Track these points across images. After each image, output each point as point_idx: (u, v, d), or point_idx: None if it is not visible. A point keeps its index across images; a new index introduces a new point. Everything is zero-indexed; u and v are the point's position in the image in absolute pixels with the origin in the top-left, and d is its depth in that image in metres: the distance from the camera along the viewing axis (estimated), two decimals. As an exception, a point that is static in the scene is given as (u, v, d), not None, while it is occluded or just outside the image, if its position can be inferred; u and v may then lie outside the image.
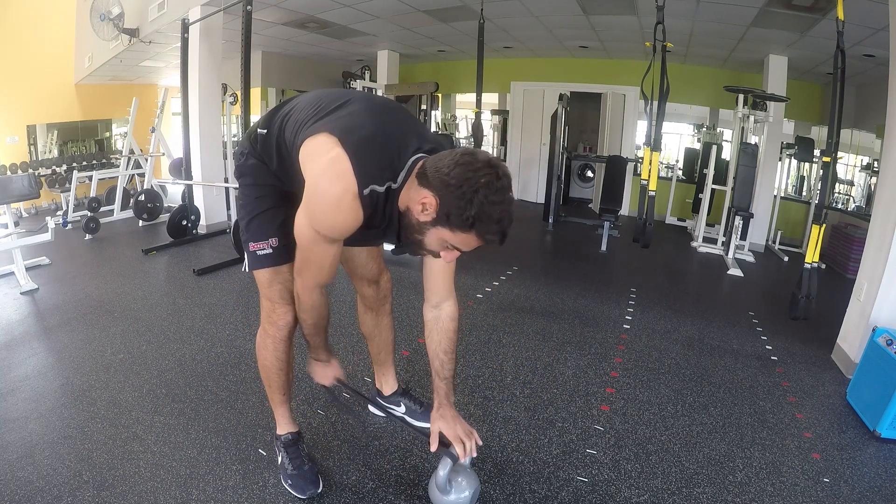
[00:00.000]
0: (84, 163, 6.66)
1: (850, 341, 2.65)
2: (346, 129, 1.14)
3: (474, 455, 1.38)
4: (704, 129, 6.92)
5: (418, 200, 1.10)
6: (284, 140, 1.30)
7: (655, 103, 3.07)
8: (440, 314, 1.42)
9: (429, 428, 1.43)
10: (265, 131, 1.36)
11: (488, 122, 8.18)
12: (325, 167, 1.11)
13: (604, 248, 5.00)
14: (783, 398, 2.32)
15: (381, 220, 1.20)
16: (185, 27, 4.36)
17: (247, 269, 1.43)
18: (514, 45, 6.46)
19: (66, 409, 1.92)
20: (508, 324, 2.98)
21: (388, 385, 1.94)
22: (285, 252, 1.40)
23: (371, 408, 1.96)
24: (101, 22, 5.01)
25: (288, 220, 1.30)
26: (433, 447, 1.38)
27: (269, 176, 1.40)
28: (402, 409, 1.92)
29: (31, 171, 5.90)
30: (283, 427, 1.62)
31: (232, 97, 7.07)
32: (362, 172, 1.10)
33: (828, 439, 2.02)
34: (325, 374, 1.51)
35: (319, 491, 1.54)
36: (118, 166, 5.83)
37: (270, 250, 1.40)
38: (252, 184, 1.42)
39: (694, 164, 6.65)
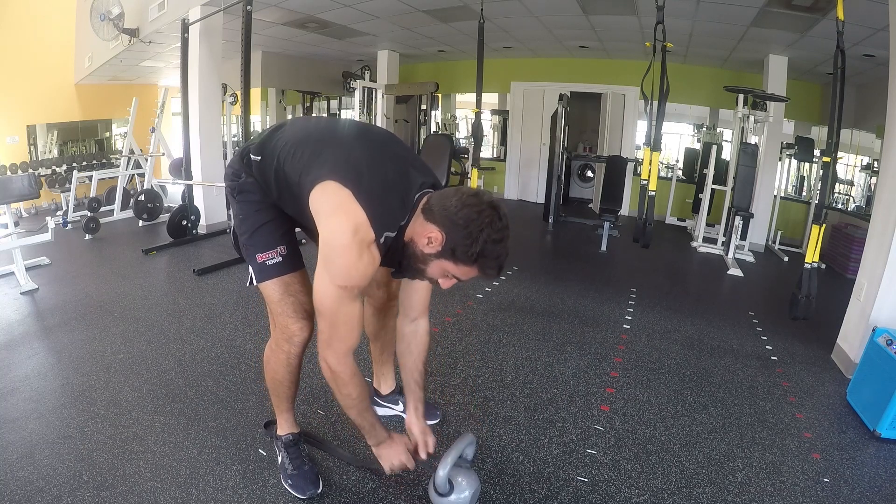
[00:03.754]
0: (84, 163, 6.66)
1: (850, 341, 2.65)
2: (356, 178, 1.17)
3: (431, 451, 1.52)
4: (704, 129, 6.92)
5: (424, 234, 1.18)
6: (285, 174, 1.29)
7: (655, 103, 3.07)
8: (418, 329, 1.53)
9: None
10: (259, 158, 1.36)
11: (488, 122, 8.19)
12: (343, 222, 1.14)
13: (604, 248, 5.00)
14: (783, 398, 2.32)
15: (389, 253, 1.25)
16: (185, 27, 4.36)
17: (254, 283, 1.41)
18: (514, 45, 6.47)
19: (66, 409, 1.92)
20: (508, 324, 2.98)
21: (386, 384, 1.96)
22: (295, 259, 1.42)
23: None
24: (101, 22, 5.01)
25: (290, 231, 1.40)
26: (422, 454, 1.51)
27: (264, 195, 1.40)
28: (400, 406, 1.93)
29: (31, 171, 5.90)
30: (285, 428, 1.62)
31: (232, 97, 7.08)
32: (378, 223, 1.16)
33: (828, 439, 2.02)
34: (399, 452, 1.42)
35: (319, 491, 1.53)
36: (118, 166, 5.83)
37: (280, 258, 1.39)
38: (251, 200, 1.41)
39: (694, 164, 6.65)
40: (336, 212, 1.15)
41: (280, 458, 1.61)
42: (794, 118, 6.20)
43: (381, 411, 1.93)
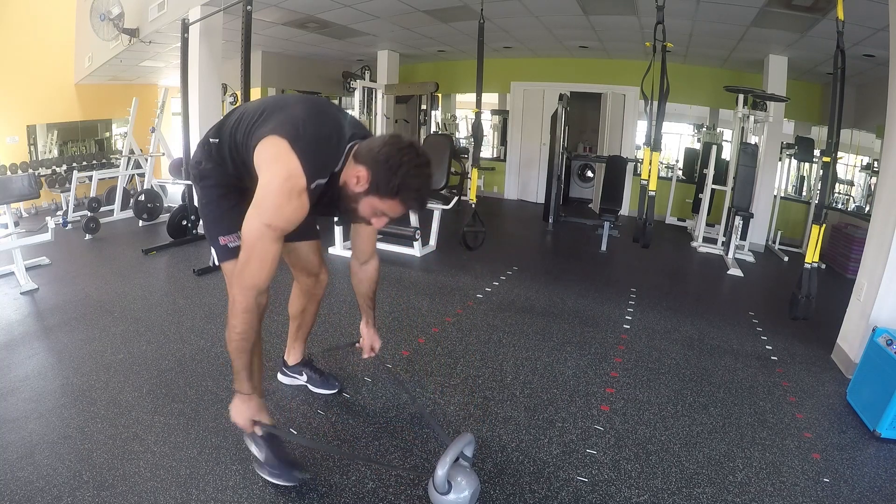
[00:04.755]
0: (84, 163, 6.66)
1: (850, 341, 2.65)
2: (293, 131, 1.31)
3: (374, 353, 1.85)
4: (704, 129, 6.92)
5: (353, 175, 1.33)
6: (236, 144, 1.46)
7: (655, 103, 3.07)
8: (367, 268, 1.77)
9: (326, 393, 2.05)
10: (217, 140, 1.51)
11: (488, 122, 8.19)
12: (279, 168, 1.28)
13: (604, 248, 5.00)
14: (783, 398, 2.32)
15: (326, 199, 1.41)
16: (185, 27, 4.36)
17: (216, 263, 1.61)
18: (514, 45, 6.47)
19: (66, 409, 1.92)
20: (508, 324, 2.98)
21: (293, 357, 2.10)
22: None
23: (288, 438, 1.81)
24: (101, 22, 5.01)
25: None
26: (366, 354, 1.85)
27: (227, 176, 1.54)
28: (304, 377, 2.10)
29: (31, 171, 5.90)
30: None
31: (232, 97, 7.09)
32: (310, 170, 1.30)
33: (828, 439, 2.02)
34: (243, 412, 1.43)
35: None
36: (118, 166, 5.84)
37: (241, 241, 1.46)
38: (213, 185, 1.55)
39: (694, 164, 6.65)
40: (273, 160, 1.29)
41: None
42: (794, 118, 6.20)
43: (287, 380, 2.12)
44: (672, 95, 3.09)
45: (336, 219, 1.52)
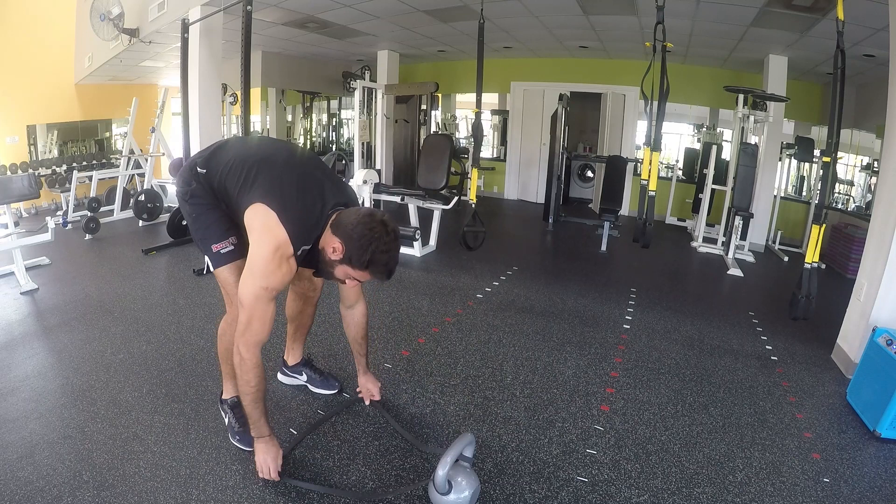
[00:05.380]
0: (84, 163, 6.66)
1: (850, 341, 2.65)
2: (281, 203, 1.44)
3: (377, 398, 1.99)
4: (704, 129, 6.92)
5: (330, 245, 1.48)
6: (225, 190, 1.57)
7: (655, 103, 3.07)
8: (354, 312, 1.88)
9: (326, 393, 2.09)
10: (204, 171, 1.62)
11: (488, 122, 8.18)
12: (269, 239, 1.42)
13: (604, 248, 5.00)
14: (783, 398, 2.32)
15: (308, 258, 1.55)
16: (185, 27, 4.35)
17: (212, 270, 1.70)
18: (514, 45, 6.46)
19: (66, 409, 1.92)
20: (508, 324, 2.98)
21: (293, 357, 2.14)
22: (244, 247, 1.61)
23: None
24: (101, 22, 5.01)
25: (236, 225, 1.61)
26: (367, 401, 2.00)
27: (215, 199, 1.64)
28: (304, 377, 2.14)
29: (31, 171, 5.89)
30: (230, 392, 1.81)
31: (232, 97, 7.09)
32: (297, 240, 1.45)
33: (828, 439, 2.02)
34: (269, 454, 1.55)
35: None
36: (118, 166, 5.83)
37: (232, 247, 1.65)
38: (201, 202, 1.65)
39: (694, 164, 6.65)
40: (263, 231, 1.43)
41: (227, 420, 1.80)
42: (794, 118, 6.20)
43: (286, 380, 2.16)
44: (672, 95, 3.09)
45: (314, 272, 1.67)
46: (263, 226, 1.43)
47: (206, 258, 1.66)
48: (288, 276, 1.46)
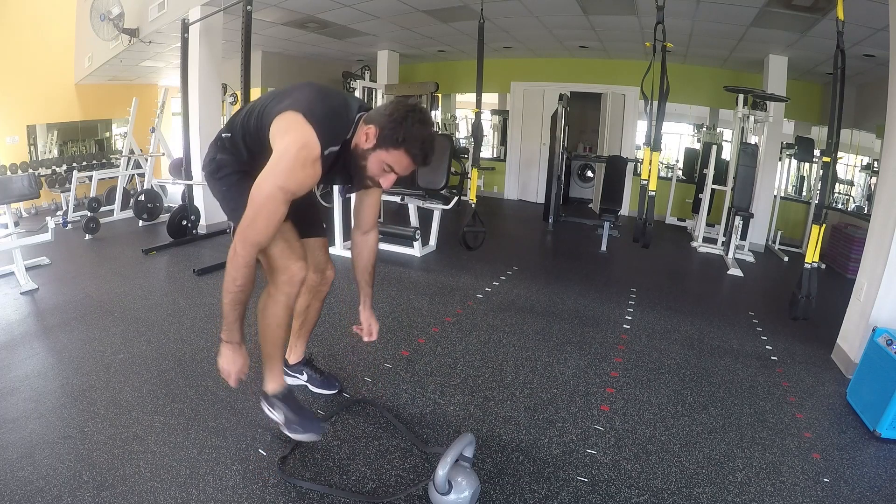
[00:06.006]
0: (84, 163, 6.66)
1: (850, 341, 2.65)
2: (307, 106, 1.41)
3: (374, 337, 1.86)
4: (704, 129, 6.92)
5: (363, 133, 1.45)
6: (250, 129, 1.53)
7: (655, 103, 3.07)
8: (369, 238, 1.81)
9: (327, 394, 2.05)
10: (229, 134, 1.60)
11: (488, 122, 8.18)
12: (295, 136, 1.37)
13: (604, 248, 5.00)
14: (783, 398, 2.32)
15: (339, 167, 1.53)
16: (185, 27, 4.36)
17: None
18: (514, 45, 6.46)
19: (66, 409, 1.92)
20: (508, 324, 2.98)
21: (295, 355, 2.06)
22: None
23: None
24: (101, 22, 5.01)
25: None
26: (365, 338, 1.85)
27: (243, 164, 1.60)
28: (305, 377, 2.08)
29: (31, 171, 5.90)
30: (277, 383, 1.70)
31: (232, 97, 7.08)
32: (324, 138, 1.39)
33: (828, 439, 2.02)
34: (235, 361, 1.49)
35: (327, 427, 1.72)
36: (118, 166, 5.83)
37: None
38: (230, 172, 1.62)
39: (694, 164, 6.65)
40: (289, 130, 1.38)
41: (281, 415, 1.67)
42: (794, 118, 6.20)
43: (286, 379, 1.94)
44: (672, 95, 3.09)
45: (346, 194, 1.62)
46: (289, 126, 1.38)
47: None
48: (311, 180, 1.40)
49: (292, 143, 1.36)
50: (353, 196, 1.83)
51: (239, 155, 1.60)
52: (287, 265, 1.57)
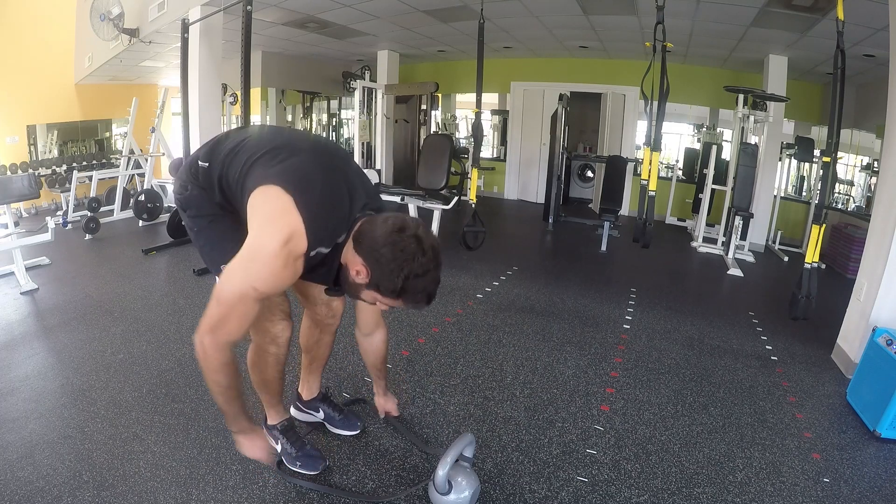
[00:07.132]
0: (84, 163, 6.66)
1: (850, 341, 2.65)
2: (300, 186, 1.15)
3: (395, 414, 1.82)
4: (704, 129, 6.92)
5: (353, 266, 1.21)
6: (227, 178, 1.30)
7: (655, 103, 3.07)
8: (372, 340, 1.66)
9: (346, 434, 1.84)
10: (206, 164, 1.35)
11: (488, 122, 8.18)
12: (279, 228, 1.11)
13: (604, 248, 5.00)
14: (783, 398, 2.32)
15: (322, 269, 1.28)
16: (185, 27, 4.35)
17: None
18: (514, 45, 6.46)
19: (66, 409, 1.92)
20: (508, 324, 2.98)
21: (309, 391, 1.88)
22: None
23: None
24: (101, 22, 5.01)
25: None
26: (382, 415, 1.83)
27: (212, 205, 1.40)
28: (321, 414, 1.86)
29: (31, 171, 5.89)
30: (276, 417, 1.66)
31: (232, 97, 7.08)
32: (314, 237, 1.14)
33: (828, 439, 2.02)
34: (257, 446, 1.36)
35: (328, 463, 1.64)
36: (118, 166, 5.83)
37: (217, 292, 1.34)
38: (197, 215, 1.42)
39: (694, 164, 6.65)
40: (273, 217, 1.13)
41: (280, 446, 1.64)
42: (794, 118, 6.20)
43: (302, 416, 1.89)
44: (672, 95, 3.10)
45: (326, 289, 1.38)
46: (274, 210, 1.13)
47: (217, 277, 1.36)
48: (289, 281, 1.16)
49: (275, 234, 1.10)
50: None
51: (211, 194, 1.37)
52: (268, 328, 1.46)
